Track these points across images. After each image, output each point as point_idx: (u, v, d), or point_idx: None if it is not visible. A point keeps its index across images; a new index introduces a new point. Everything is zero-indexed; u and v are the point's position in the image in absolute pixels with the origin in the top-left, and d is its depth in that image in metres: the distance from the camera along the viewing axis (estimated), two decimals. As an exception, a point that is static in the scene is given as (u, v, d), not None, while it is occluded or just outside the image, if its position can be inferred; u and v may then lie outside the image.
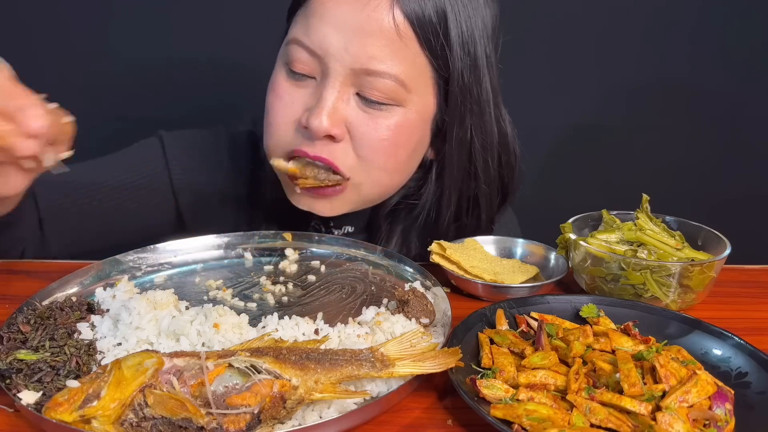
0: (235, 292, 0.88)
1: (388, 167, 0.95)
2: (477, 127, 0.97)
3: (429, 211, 1.04)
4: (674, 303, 0.86)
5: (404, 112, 0.92)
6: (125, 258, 0.93)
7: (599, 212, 0.98)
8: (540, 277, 0.95)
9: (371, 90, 0.89)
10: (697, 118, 1.85)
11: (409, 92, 0.90)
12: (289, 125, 0.94)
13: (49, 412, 0.56)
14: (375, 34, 0.86)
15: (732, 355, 0.72)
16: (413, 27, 0.87)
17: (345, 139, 0.92)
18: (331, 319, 0.80)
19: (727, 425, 0.61)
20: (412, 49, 0.88)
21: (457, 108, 0.94)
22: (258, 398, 0.58)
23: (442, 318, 0.79)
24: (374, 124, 0.91)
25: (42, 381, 0.64)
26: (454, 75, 0.92)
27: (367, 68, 0.87)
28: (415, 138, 0.96)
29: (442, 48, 0.89)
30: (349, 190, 0.96)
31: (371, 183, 0.96)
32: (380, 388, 0.65)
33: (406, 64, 0.89)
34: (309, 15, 0.90)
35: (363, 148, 0.92)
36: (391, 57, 0.87)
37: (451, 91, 0.93)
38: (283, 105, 0.94)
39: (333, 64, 0.88)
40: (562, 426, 0.58)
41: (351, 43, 0.87)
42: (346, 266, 0.97)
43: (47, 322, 0.73)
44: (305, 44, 0.90)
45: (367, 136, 0.91)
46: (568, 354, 0.69)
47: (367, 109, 0.91)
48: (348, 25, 0.86)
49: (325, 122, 0.88)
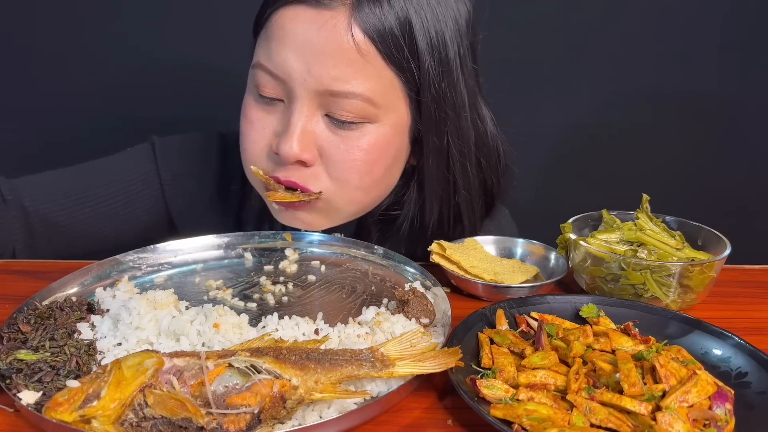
0: (235, 292, 0.88)
1: (363, 185, 0.93)
2: (453, 133, 0.94)
3: (413, 219, 1.02)
4: (674, 303, 0.86)
5: (376, 128, 0.89)
6: (125, 258, 0.93)
7: (599, 212, 0.98)
8: (540, 277, 0.95)
9: (339, 111, 0.86)
10: (698, 118, 1.85)
11: (379, 108, 0.87)
12: (261, 150, 0.92)
13: (49, 412, 0.56)
14: (335, 55, 0.83)
15: (732, 355, 0.72)
16: (374, 43, 0.83)
17: (317, 163, 0.90)
18: (331, 319, 0.80)
19: (727, 425, 0.61)
20: (376, 66, 0.85)
21: (431, 117, 0.92)
22: (258, 398, 0.58)
23: (442, 318, 0.79)
24: (345, 145, 0.88)
25: (42, 381, 0.64)
26: (425, 85, 0.88)
27: (331, 89, 0.84)
28: (391, 152, 0.93)
29: (407, 61, 0.86)
30: (324, 204, 0.94)
31: (347, 201, 0.94)
32: (380, 388, 0.65)
33: (372, 81, 0.85)
34: (270, 38, 0.87)
35: (336, 170, 0.90)
36: (354, 76, 0.84)
37: (423, 101, 0.90)
38: (254, 130, 0.92)
39: (297, 88, 0.86)
40: (562, 426, 0.58)
41: (312, 65, 0.84)
42: (346, 266, 0.97)
43: (47, 322, 0.73)
44: (268, 69, 0.87)
45: (339, 158, 0.89)
46: (568, 354, 0.69)
47: (337, 131, 0.88)
48: (307, 47, 0.84)
49: (295, 148, 0.86)
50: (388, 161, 0.93)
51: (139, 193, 1.09)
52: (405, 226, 1.02)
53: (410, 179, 1.01)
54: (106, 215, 1.06)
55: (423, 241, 1.01)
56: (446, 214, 1.02)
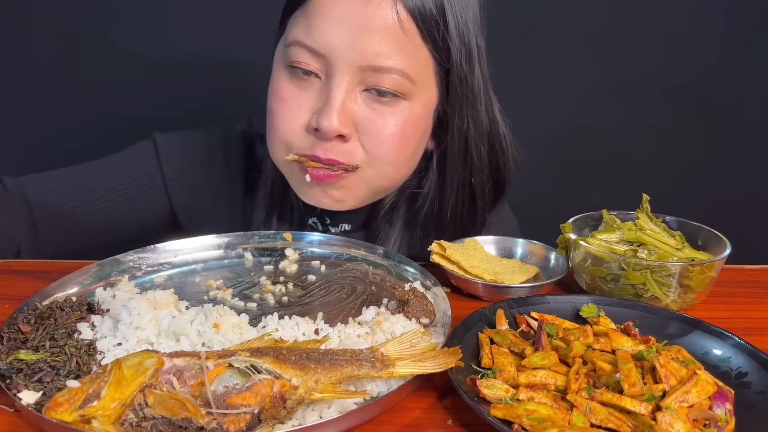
0: (235, 292, 0.88)
1: (397, 161, 0.96)
2: (472, 117, 0.98)
3: (432, 201, 1.05)
4: (674, 303, 0.86)
5: (410, 106, 0.93)
6: (125, 258, 0.93)
7: (599, 212, 0.98)
8: (540, 277, 0.95)
9: (378, 85, 0.89)
10: (698, 118, 1.85)
11: (415, 85, 0.91)
12: (296, 129, 0.93)
13: (49, 412, 0.56)
14: (380, 31, 0.87)
15: (732, 355, 0.72)
16: (416, 21, 0.88)
17: (353, 137, 0.92)
18: (331, 319, 0.80)
19: (727, 425, 0.61)
20: (415, 43, 0.89)
21: (456, 98, 0.96)
22: (258, 398, 0.58)
23: (442, 318, 0.79)
24: (382, 120, 0.92)
25: (42, 381, 0.64)
26: (454, 66, 0.93)
27: (373, 65, 0.88)
28: (420, 130, 0.97)
29: (443, 40, 0.91)
30: (357, 181, 0.96)
31: (380, 177, 0.97)
32: (380, 388, 0.65)
33: (411, 58, 0.90)
34: (310, 15, 0.89)
35: (372, 144, 0.93)
36: (396, 52, 0.88)
37: (451, 81, 0.94)
38: (287, 108, 0.93)
39: (339, 63, 0.88)
40: (562, 426, 0.58)
41: (356, 40, 0.87)
42: (346, 266, 0.97)
43: (47, 322, 0.73)
44: (308, 45, 0.89)
45: (375, 133, 0.92)
46: (568, 354, 0.69)
47: (374, 106, 0.91)
48: (352, 23, 0.87)
49: (335, 123, 0.88)
50: (418, 138, 0.97)
51: (142, 189, 1.09)
52: (425, 207, 1.05)
53: (429, 161, 1.04)
54: (109, 210, 1.07)
55: (439, 225, 1.05)
56: (462, 196, 1.05)
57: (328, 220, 1.10)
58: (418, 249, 1.06)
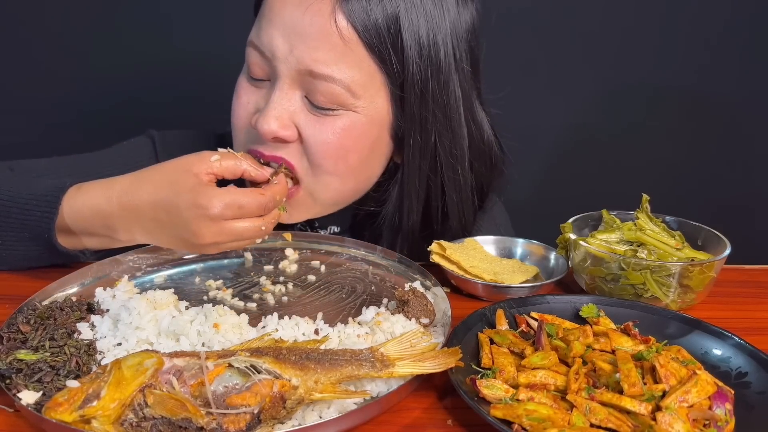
0: (235, 292, 0.88)
1: (337, 171, 0.92)
2: (442, 134, 0.94)
3: (392, 216, 1.01)
4: (674, 303, 0.86)
5: (351, 117, 0.90)
6: (125, 258, 0.93)
7: (599, 212, 0.98)
8: (540, 277, 0.95)
9: (316, 93, 0.87)
10: (698, 118, 1.85)
11: (357, 98, 0.88)
12: (244, 125, 0.94)
13: (49, 412, 0.56)
14: (317, 38, 0.86)
15: (732, 355, 0.72)
16: (357, 32, 0.85)
17: (296, 142, 0.91)
18: (331, 319, 0.80)
19: (727, 425, 0.61)
20: (358, 54, 0.87)
21: (413, 114, 0.92)
22: (258, 398, 0.58)
23: (442, 318, 0.79)
24: (320, 126, 0.89)
25: (42, 381, 0.64)
26: (408, 80, 0.89)
27: (311, 70, 0.86)
28: (366, 143, 0.93)
29: (390, 53, 0.87)
30: (304, 195, 0.94)
31: (323, 187, 0.94)
32: (380, 388, 0.65)
33: (353, 70, 0.87)
34: (261, 18, 0.91)
35: (311, 152, 0.91)
36: (335, 61, 0.86)
37: (406, 97, 0.90)
38: (240, 106, 0.94)
39: (280, 66, 0.88)
40: (562, 426, 0.58)
41: (295, 46, 0.86)
42: (346, 266, 0.97)
43: (47, 322, 0.73)
44: (257, 46, 0.90)
45: (314, 139, 0.89)
46: (568, 354, 0.69)
47: (315, 112, 0.89)
48: (293, 28, 0.86)
49: (272, 124, 0.87)
50: (363, 151, 0.93)
51: None
52: (386, 222, 1.02)
53: (392, 177, 1.01)
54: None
55: (410, 239, 1.02)
56: (434, 215, 1.02)
57: (317, 224, 1.10)
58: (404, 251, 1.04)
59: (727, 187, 1.89)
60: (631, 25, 1.75)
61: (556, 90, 1.78)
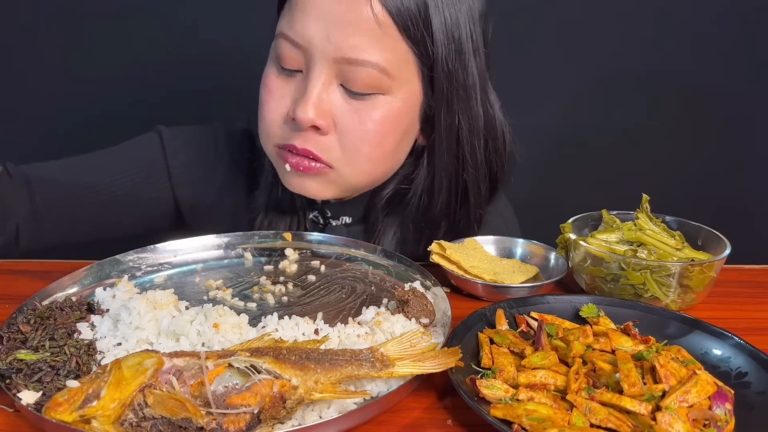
0: (235, 292, 0.88)
1: (374, 157, 0.96)
2: (464, 112, 0.98)
3: (420, 196, 1.05)
4: (674, 303, 0.86)
5: (389, 101, 0.93)
6: (125, 258, 0.93)
7: (599, 212, 0.98)
8: (540, 277, 0.95)
9: (354, 80, 0.90)
10: (698, 118, 1.85)
11: (393, 80, 0.91)
12: (279, 119, 0.95)
13: (49, 412, 0.56)
14: (355, 24, 0.88)
15: (732, 355, 0.72)
16: (391, 16, 0.88)
17: (331, 132, 0.93)
18: (331, 319, 0.80)
19: (727, 425, 0.61)
20: (392, 37, 0.89)
21: (443, 94, 0.95)
22: (258, 398, 0.58)
23: (442, 318, 0.79)
24: (358, 116, 0.92)
25: (42, 381, 0.64)
26: (438, 61, 0.92)
27: (349, 57, 0.88)
28: (401, 126, 0.96)
29: (422, 36, 0.91)
30: (334, 177, 0.97)
31: (357, 172, 0.97)
32: (380, 388, 0.65)
33: (388, 53, 0.89)
34: (293, 8, 0.92)
35: (348, 140, 0.93)
36: (372, 46, 0.88)
37: (435, 77, 0.94)
38: (272, 99, 0.96)
39: (316, 55, 0.90)
40: (562, 426, 0.58)
41: (332, 33, 0.88)
42: (346, 266, 0.97)
43: (47, 322, 0.73)
44: (290, 37, 0.91)
45: (352, 129, 0.92)
46: (568, 354, 0.69)
47: (351, 101, 0.92)
48: (329, 16, 0.88)
49: (310, 113, 0.89)
50: (398, 135, 0.97)
51: (145, 180, 1.09)
52: (413, 203, 1.05)
53: (419, 157, 1.04)
54: (111, 201, 1.06)
55: (429, 221, 1.05)
56: (454, 191, 1.04)
57: (329, 213, 1.10)
58: (411, 243, 1.07)
59: (727, 187, 1.89)
60: (632, 25, 1.75)
61: (555, 90, 1.78)
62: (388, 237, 1.07)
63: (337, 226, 1.10)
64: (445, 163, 1.01)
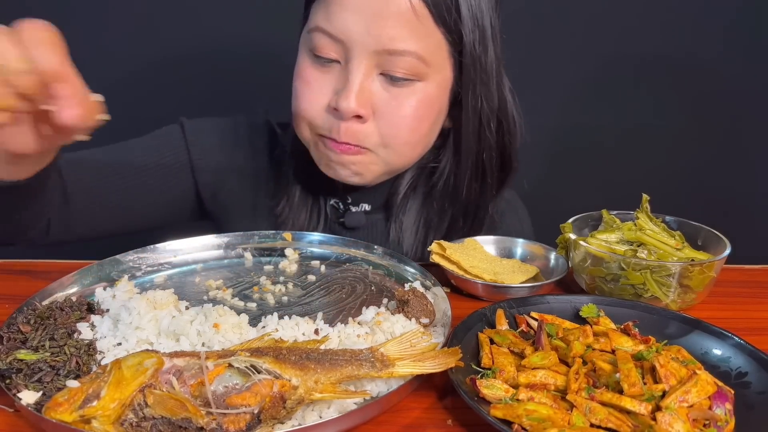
0: (235, 292, 0.88)
1: (411, 140, 1.01)
2: (485, 95, 1.02)
3: (448, 177, 1.09)
4: (674, 303, 0.86)
5: (424, 87, 0.96)
6: (125, 258, 0.93)
7: (599, 212, 0.98)
8: (540, 277, 0.95)
9: (394, 68, 0.93)
10: (698, 118, 1.85)
11: (429, 66, 0.95)
12: (318, 110, 0.98)
13: (49, 412, 0.56)
14: (393, 16, 0.90)
15: (732, 355, 0.72)
16: (428, 6, 0.91)
17: (370, 120, 0.96)
18: (331, 319, 0.80)
19: (727, 425, 0.61)
20: (428, 27, 0.93)
21: (469, 77, 0.99)
22: (258, 398, 0.58)
23: (442, 318, 0.79)
24: (397, 103, 0.96)
25: (42, 381, 0.64)
26: (467, 47, 0.96)
27: (388, 48, 0.92)
28: (435, 110, 1.00)
29: (455, 23, 0.94)
30: (374, 158, 1.00)
31: (397, 156, 1.01)
32: (380, 388, 0.65)
33: (424, 41, 0.93)
34: (329, 3, 0.94)
35: (388, 126, 0.97)
36: (409, 36, 0.91)
37: (464, 62, 0.98)
38: (311, 90, 0.98)
39: (356, 48, 0.92)
40: (562, 426, 0.58)
41: (371, 26, 0.91)
42: (346, 266, 0.97)
43: (47, 322, 0.73)
44: (328, 31, 0.94)
45: (390, 115, 0.96)
46: (568, 354, 0.69)
47: (390, 88, 0.95)
48: (367, 9, 0.91)
49: (352, 103, 0.93)
50: (432, 118, 1.01)
51: (170, 168, 1.12)
52: (440, 184, 1.09)
53: (446, 139, 1.08)
54: (138, 188, 1.09)
55: (455, 201, 1.09)
56: (475, 172, 1.08)
57: (350, 199, 1.12)
58: (434, 228, 1.11)
59: (727, 187, 1.89)
60: (631, 25, 1.75)
61: (555, 89, 1.78)
62: (408, 223, 1.11)
63: (356, 212, 1.13)
64: (471, 144, 1.05)
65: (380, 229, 1.14)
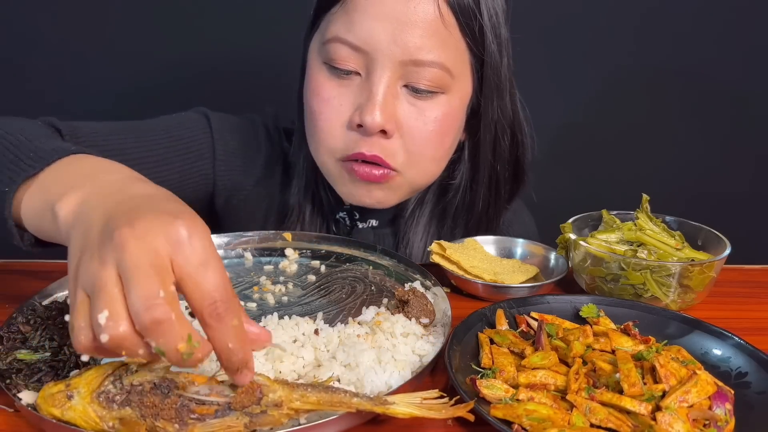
0: (235, 291, 0.88)
1: (437, 156, 0.98)
2: (501, 106, 1.00)
3: (464, 191, 1.06)
4: (674, 303, 0.86)
5: (448, 100, 0.93)
6: (125, 258, 0.92)
7: (599, 212, 0.98)
8: (540, 277, 0.95)
9: (418, 80, 0.90)
10: (698, 118, 1.85)
11: (453, 78, 0.92)
12: (338, 128, 0.94)
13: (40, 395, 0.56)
14: (421, 25, 0.87)
15: (732, 355, 0.72)
16: (455, 14, 0.88)
17: (395, 135, 0.93)
18: (331, 319, 0.80)
19: (727, 425, 0.61)
20: (454, 36, 0.90)
21: (490, 88, 0.97)
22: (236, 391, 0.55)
23: (442, 318, 0.79)
24: (422, 117, 0.92)
25: (42, 381, 0.64)
26: (488, 57, 0.94)
27: (415, 59, 0.88)
28: (457, 123, 0.98)
29: (480, 32, 0.91)
30: (401, 182, 0.97)
31: (421, 173, 0.98)
32: (380, 388, 0.65)
33: (450, 51, 0.90)
34: (350, 11, 0.89)
35: (413, 143, 0.94)
36: (437, 46, 0.88)
37: (485, 72, 0.95)
38: (330, 108, 0.93)
39: (380, 58, 0.88)
40: (562, 426, 0.58)
41: (398, 35, 0.87)
42: (346, 266, 0.97)
43: (47, 322, 0.73)
44: (349, 41, 0.89)
45: (416, 130, 0.93)
46: (568, 354, 0.69)
47: (414, 101, 0.92)
48: (394, 17, 0.87)
49: (378, 117, 0.89)
50: (454, 132, 0.99)
51: (196, 153, 1.06)
52: (458, 198, 1.06)
53: (461, 152, 1.05)
54: (161, 160, 1.02)
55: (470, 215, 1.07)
56: (489, 185, 1.06)
57: (357, 215, 1.10)
58: (445, 238, 1.08)
59: (727, 187, 1.89)
60: (631, 24, 1.75)
61: (555, 89, 1.78)
62: (416, 239, 1.08)
63: (363, 228, 1.10)
64: (488, 157, 1.03)
65: (388, 244, 1.11)
